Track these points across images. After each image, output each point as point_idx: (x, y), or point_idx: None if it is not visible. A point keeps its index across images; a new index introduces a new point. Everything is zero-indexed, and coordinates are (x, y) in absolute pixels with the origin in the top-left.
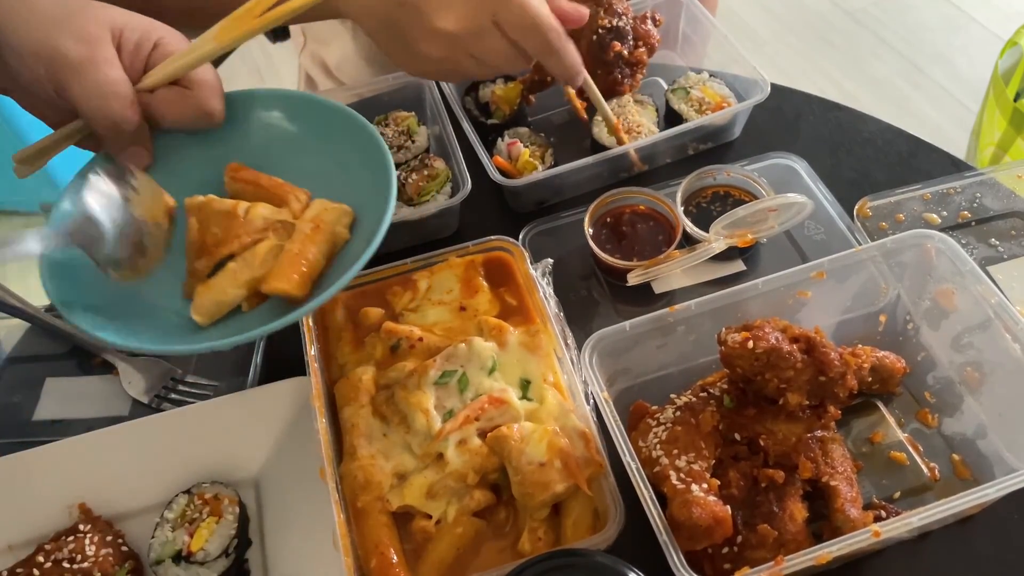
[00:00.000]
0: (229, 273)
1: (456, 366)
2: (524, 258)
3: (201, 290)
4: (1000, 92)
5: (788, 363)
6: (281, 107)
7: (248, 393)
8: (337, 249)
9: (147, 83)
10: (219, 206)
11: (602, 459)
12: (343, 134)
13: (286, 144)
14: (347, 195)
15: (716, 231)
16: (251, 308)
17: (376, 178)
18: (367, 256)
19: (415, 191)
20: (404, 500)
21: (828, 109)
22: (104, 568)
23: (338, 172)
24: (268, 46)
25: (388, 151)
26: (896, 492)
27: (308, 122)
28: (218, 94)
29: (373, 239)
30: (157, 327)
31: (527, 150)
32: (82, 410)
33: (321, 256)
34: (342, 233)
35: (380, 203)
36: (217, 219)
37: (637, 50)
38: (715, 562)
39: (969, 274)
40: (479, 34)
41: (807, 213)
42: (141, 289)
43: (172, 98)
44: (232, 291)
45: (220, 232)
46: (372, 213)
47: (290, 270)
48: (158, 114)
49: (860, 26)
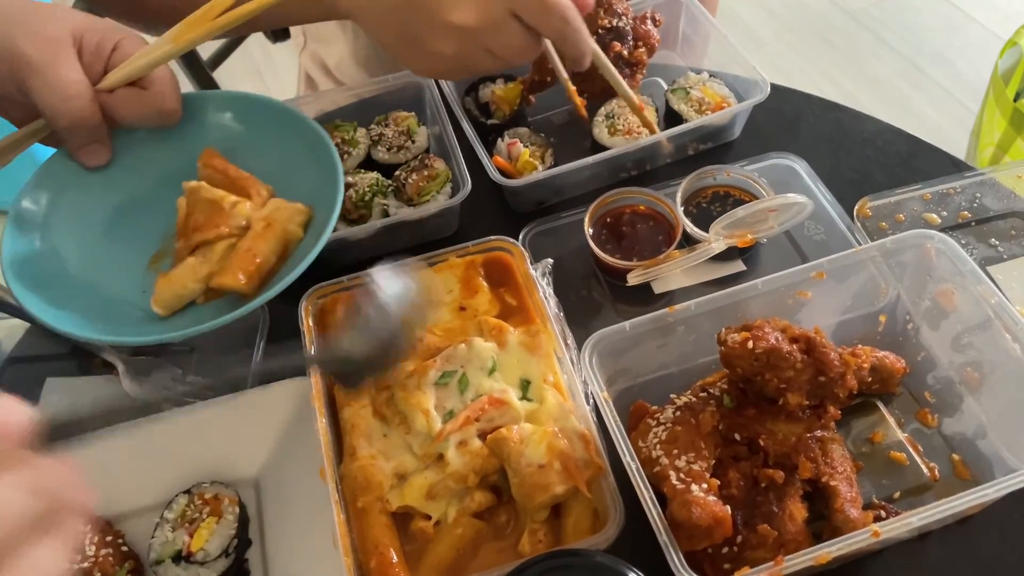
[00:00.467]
0: (189, 267)
1: (456, 366)
2: (524, 258)
3: (162, 283)
4: (1000, 92)
5: (788, 363)
6: (235, 108)
7: (248, 393)
8: (291, 246)
9: (106, 83)
10: (207, 194)
11: (602, 461)
12: (294, 134)
13: (241, 143)
14: (302, 194)
15: (716, 231)
16: (206, 302)
17: (326, 177)
18: (315, 253)
19: (415, 191)
20: (404, 500)
21: (828, 109)
22: (104, 568)
23: (292, 171)
24: (268, 46)
25: (336, 151)
26: (896, 492)
27: (260, 122)
28: (174, 94)
29: (322, 236)
30: (115, 319)
31: (527, 150)
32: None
33: (271, 253)
34: (295, 231)
35: (330, 201)
36: (203, 206)
37: (637, 50)
38: (715, 562)
39: (969, 274)
40: (497, 25)
41: (807, 213)
42: (102, 282)
43: (130, 98)
44: (191, 285)
45: (202, 219)
46: (323, 211)
47: (238, 266)
48: (116, 113)
49: (860, 26)
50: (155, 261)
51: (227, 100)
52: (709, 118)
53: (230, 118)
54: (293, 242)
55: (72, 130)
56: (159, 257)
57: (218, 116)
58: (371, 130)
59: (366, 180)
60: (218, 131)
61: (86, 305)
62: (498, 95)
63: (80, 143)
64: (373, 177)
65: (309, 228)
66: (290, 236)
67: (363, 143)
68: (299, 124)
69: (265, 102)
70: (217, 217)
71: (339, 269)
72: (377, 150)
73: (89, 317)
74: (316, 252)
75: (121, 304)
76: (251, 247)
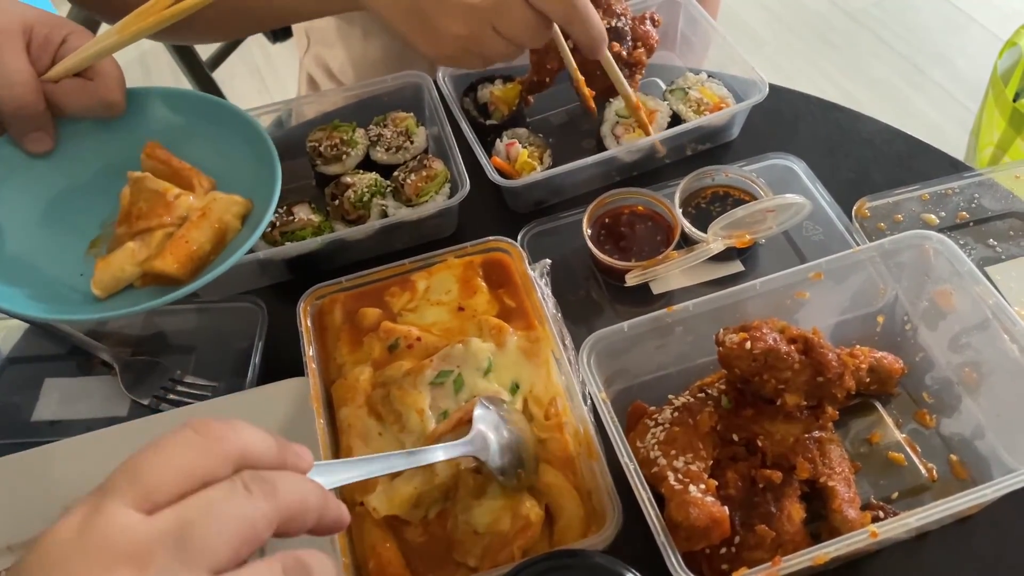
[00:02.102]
0: (128, 252)
1: (452, 367)
2: (522, 258)
3: (101, 265)
4: (999, 92)
5: (786, 364)
6: (179, 103)
7: (247, 393)
8: (227, 236)
9: (52, 73)
10: (152, 184)
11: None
12: (235, 131)
13: (184, 138)
14: (243, 188)
15: (715, 232)
16: (143, 286)
17: (266, 172)
18: (249, 243)
19: (413, 191)
20: (391, 510)
21: (827, 109)
22: None
23: (233, 166)
24: (268, 46)
25: (274, 148)
26: (894, 492)
27: (203, 118)
28: (119, 86)
29: (258, 227)
30: (54, 299)
31: (526, 151)
32: (81, 410)
33: (206, 241)
34: (231, 222)
35: (268, 195)
36: (147, 195)
37: (636, 51)
38: (713, 563)
39: (967, 275)
40: (505, 4)
41: (805, 214)
42: (41, 264)
43: (75, 88)
44: (129, 268)
45: (145, 207)
46: (261, 205)
47: (171, 252)
48: (61, 103)
49: (860, 26)
50: (93, 247)
51: (171, 96)
52: (708, 118)
53: (174, 113)
54: (231, 232)
55: (15, 117)
56: (97, 243)
57: (162, 110)
58: (370, 130)
59: (365, 181)
60: (161, 124)
61: (26, 284)
62: (496, 96)
63: (23, 130)
64: (372, 178)
65: (248, 220)
66: (226, 226)
67: (362, 143)
68: (239, 121)
69: (207, 99)
70: (160, 207)
71: (338, 270)
72: (376, 150)
73: (29, 296)
74: (251, 242)
75: (59, 286)
76: (184, 234)
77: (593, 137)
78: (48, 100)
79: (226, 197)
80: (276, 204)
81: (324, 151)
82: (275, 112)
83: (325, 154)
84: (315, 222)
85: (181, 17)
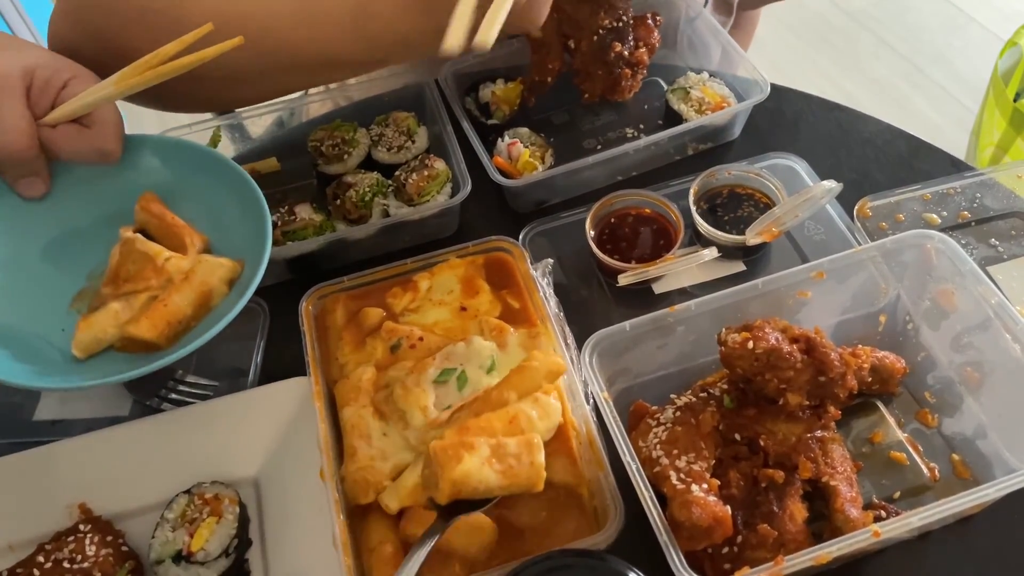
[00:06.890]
0: (111, 313)
1: (455, 364)
2: (524, 258)
3: (83, 326)
4: (1000, 92)
5: (788, 363)
6: (178, 154)
7: (248, 393)
8: (212, 300)
9: (50, 118)
10: (142, 247)
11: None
12: (231, 187)
13: (180, 188)
14: (235, 247)
15: (754, 233)
16: (123, 349)
17: (258, 234)
18: (234, 312)
19: (415, 191)
20: (401, 502)
21: (828, 109)
22: (104, 568)
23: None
24: None
25: (267, 208)
26: (896, 492)
27: (199, 170)
28: (116, 134)
29: (244, 294)
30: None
31: (527, 150)
32: (82, 410)
33: (187, 305)
34: (217, 285)
35: (258, 258)
36: (136, 257)
37: (637, 50)
38: (715, 562)
39: (969, 274)
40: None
41: (831, 196)
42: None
43: (71, 134)
44: (110, 330)
45: (133, 270)
46: (251, 266)
47: (146, 316)
48: (57, 147)
49: (860, 26)
50: (77, 301)
51: (169, 145)
52: (709, 118)
53: (171, 163)
54: (216, 296)
55: (8, 162)
56: (82, 297)
57: (159, 160)
58: (371, 130)
59: (366, 180)
60: (158, 175)
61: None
62: (498, 95)
63: (17, 174)
64: (373, 177)
65: (236, 284)
66: (211, 290)
67: (363, 143)
68: (236, 179)
69: (205, 152)
70: (149, 270)
71: (339, 269)
72: (377, 150)
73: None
74: (235, 311)
75: (39, 341)
76: (164, 298)
77: (594, 137)
78: (44, 144)
79: (212, 260)
80: (265, 267)
81: (326, 151)
82: (277, 111)
83: (327, 153)
84: (316, 222)
85: (173, 75)
